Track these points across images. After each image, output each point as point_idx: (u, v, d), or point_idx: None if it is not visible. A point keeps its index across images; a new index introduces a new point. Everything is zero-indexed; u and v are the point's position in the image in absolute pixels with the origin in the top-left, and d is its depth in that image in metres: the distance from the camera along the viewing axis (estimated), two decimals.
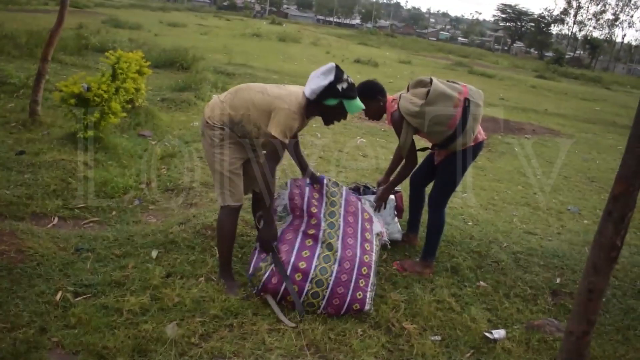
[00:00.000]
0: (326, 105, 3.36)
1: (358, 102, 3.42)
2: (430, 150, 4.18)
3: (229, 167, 3.43)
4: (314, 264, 3.41)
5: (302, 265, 3.39)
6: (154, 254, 3.88)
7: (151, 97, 8.86)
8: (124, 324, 3.03)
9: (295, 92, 3.41)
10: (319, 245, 3.51)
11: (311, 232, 3.59)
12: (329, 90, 3.29)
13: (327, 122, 3.52)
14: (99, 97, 5.87)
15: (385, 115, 4.08)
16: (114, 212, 4.71)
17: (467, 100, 3.67)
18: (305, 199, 3.73)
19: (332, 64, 3.34)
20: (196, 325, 3.09)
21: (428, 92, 3.71)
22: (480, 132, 3.96)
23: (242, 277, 3.72)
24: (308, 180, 3.86)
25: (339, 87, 3.29)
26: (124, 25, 22.53)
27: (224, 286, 3.53)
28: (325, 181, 3.87)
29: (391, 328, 3.36)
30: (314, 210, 3.68)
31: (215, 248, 4.02)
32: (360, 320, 3.39)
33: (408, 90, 3.93)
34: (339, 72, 3.31)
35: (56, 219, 4.43)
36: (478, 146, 3.98)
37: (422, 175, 4.41)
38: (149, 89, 8.69)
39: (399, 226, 4.50)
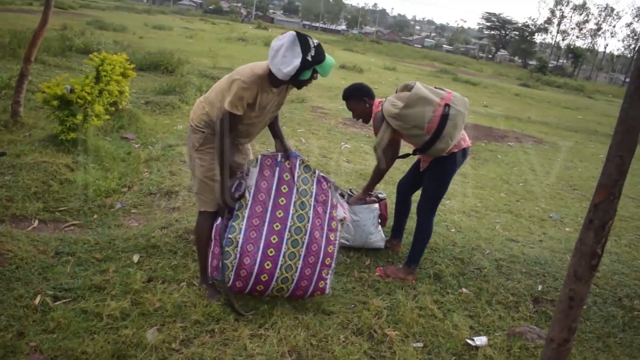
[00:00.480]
0: (301, 79, 3.22)
1: (329, 61, 3.25)
2: (412, 155, 4.20)
3: (205, 172, 3.39)
4: (280, 262, 3.36)
5: (268, 265, 3.33)
6: (136, 258, 3.85)
7: (135, 99, 8.80)
8: (104, 328, 3.00)
9: (255, 65, 3.27)
10: (284, 243, 3.40)
11: (277, 227, 3.42)
12: (302, 67, 3.11)
13: (300, 87, 3.35)
14: (82, 99, 5.82)
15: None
16: (95, 216, 4.66)
17: (447, 106, 3.69)
18: (274, 185, 3.52)
19: (292, 34, 3.13)
20: (177, 331, 3.07)
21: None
22: (465, 140, 3.98)
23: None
24: (279, 157, 3.61)
25: (309, 57, 3.11)
26: (108, 27, 22.40)
27: (206, 291, 3.51)
28: (297, 163, 3.62)
29: (373, 335, 3.36)
30: (282, 201, 3.49)
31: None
32: (343, 327, 3.38)
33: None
34: (303, 41, 3.11)
35: (36, 222, 4.38)
36: (463, 153, 3.99)
37: (408, 183, 4.43)
38: (133, 91, 8.64)
39: (382, 234, 4.50)
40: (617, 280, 4.54)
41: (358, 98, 4.08)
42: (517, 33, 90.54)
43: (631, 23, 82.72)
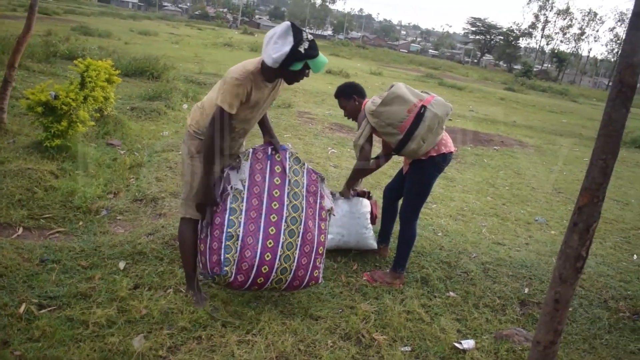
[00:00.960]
0: (291, 71, 3.17)
1: (322, 58, 3.20)
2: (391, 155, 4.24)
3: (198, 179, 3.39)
4: (279, 253, 3.37)
5: (268, 257, 3.34)
6: (122, 265, 3.82)
7: (120, 105, 8.75)
8: (90, 336, 2.97)
9: (246, 61, 3.28)
10: (282, 233, 3.42)
11: (274, 218, 3.43)
12: (293, 55, 3.07)
13: (291, 82, 3.34)
14: (66, 106, 5.78)
15: None
16: (80, 222, 4.63)
17: (423, 107, 3.73)
18: (267, 177, 3.53)
19: (287, 23, 3.12)
20: (164, 338, 3.05)
21: None
22: (446, 145, 4.00)
23: (212, 288, 3.69)
24: (270, 151, 3.60)
25: (301, 49, 3.07)
26: (93, 32, 22.27)
27: (192, 298, 3.49)
28: (287, 155, 3.63)
29: (361, 339, 3.36)
30: (276, 193, 3.50)
31: None
32: (330, 332, 3.38)
33: None
34: (296, 32, 3.09)
35: (21, 229, 4.34)
36: (443, 158, 4.00)
37: (395, 188, 4.45)
38: (119, 97, 8.59)
39: (373, 233, 4.51)
40: (603, 282, 4.57)
41: (348, 96, 4.21)
42: (502, 38, 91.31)
43: (614, 27, 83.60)
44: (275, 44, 3.08)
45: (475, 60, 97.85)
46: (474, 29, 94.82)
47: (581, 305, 4.16)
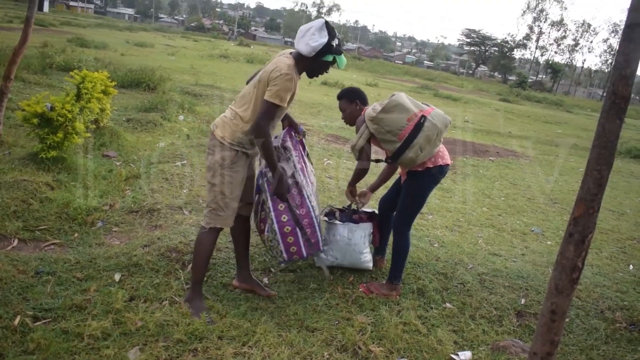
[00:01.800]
0: (322, 61, 3.46)
1: (345, 58, 3.56)
2: (383, 162, 4.25)
3: (233, 190, 3.47)
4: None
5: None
6: (117, 277, 3.81)
7: (116, 117, 8.75)
8: (85, 349, 2.96)
9: (278, 59, 3.44)
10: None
11: (314, 190, 3.91)
12: (328, 47, 3.37)
13: (313, 75, 3.62)
14: (62, 117, 5.78)
15: None
16: (76, 234, 4.61)
17: (423, 117, 3.74)
18: (305, 161, 3.94)
19: (322, 20, 3.41)
20: (160, 350, 3.03)
21: None
22: (443, 157, 4.01)
23: (207, 300, 3.68)
24: (294, 135, 3.92)
25: (334, 44, 3.40)
26: (89, 44, 22.29)
27: (189, 309, 3.48)
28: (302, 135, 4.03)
29: (358, 351, 3.34)
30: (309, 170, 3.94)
31: (180, 271, 3.98)
32: (327, 343, 3.37)
33: None
34: (330, 28, 3.40)
35: (16, 241, 4.32)
36: (440, 170, 4.01)
37: (391, 199, 4.46)
38: (115, 109, 8.60)
39: (371, 255, 4.48)
40: (599, 292, 4.57)
41: (351, 100, 4.23)
42: (496, 49, 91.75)
43: (608, 38, 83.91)
44: (313, 35, 3.36)
45: (470, 72, 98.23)
46: (468, 40, 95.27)
47: (578, 316, 4.16)
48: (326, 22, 3.41)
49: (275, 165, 3.46)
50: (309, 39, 3.35)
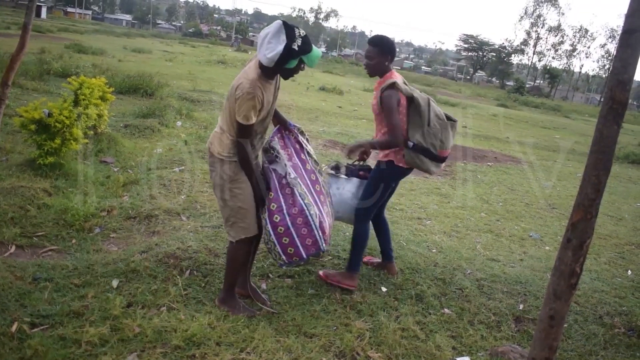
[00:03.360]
0: (287, 68, 3.32)
1: (316, 52, 3.36)
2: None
3: (245, 199, 3.47)
4: (330, 213, 3.88)
5: (327, 220, 3.75)
6: (115, 283, 3.80)
7: (114, 123, 8.75)
8: (83, 355, 2.95)
9: (246, 70, 3.37)
10: (326, 196, 3.89)
11: (318, 187, 3.81)
12: (287, 53, 3.19)
13: (287, 78, 3.48)
14: (60, 123, 5.78)
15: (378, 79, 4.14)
16: (73, 240, 4.61)
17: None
18: (297, 158, 3.84)
19: (278, 22, 3.24)
20: (157, 357, 3.03)
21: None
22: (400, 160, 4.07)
23: (205, 305, 3.67)
24: (285, 134, 3.87)
25: (295, 46, 3.20)
26: (87, 50, 22.32)
27: (227, 310, 3.59)
28: (296, 132, 3.96)
29: (356, 357, 3.34)
30: (308, 167, 3.88)
31: (178, 277, 3.97)
32: (325, 349, 3.36)
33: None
34: (289, 30, 3.21)
35: (13, 248, 4.31)
36: (404, 171, 4.14)
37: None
38: (112, 115, 8.59)
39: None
40: (598, 298, 4.57)
41: (384, 52, 4.01)
42: (494, 54, 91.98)
43: (605, 44, 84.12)
44: (269, 44, 3.20)
45: (468, 77, 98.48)
46: (466, 45, 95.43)
47: (576, 322, 4.15)
48: (284, 23, 3.23)
49: (251, 178, 3.46)
50: (266, 50, 3.20)
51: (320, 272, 4.27)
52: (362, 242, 4.20)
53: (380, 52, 4.00)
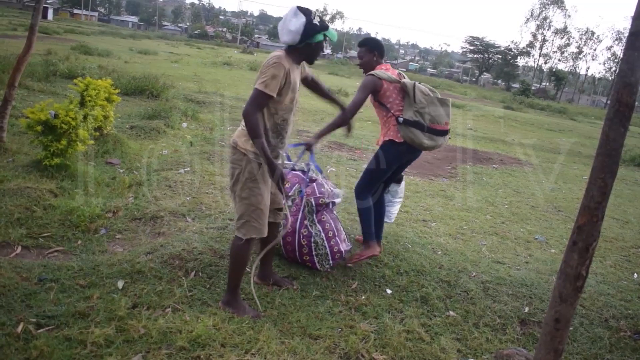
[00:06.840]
0: (312, 44, 3.42)
1: (333, 31, 3.53)
2: None
3: (264, 201, 3.48)
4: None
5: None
6: (120, 284, 3.80)
7: (120, 124, 8.78)
8: (88, 356, 2.95)
9: (271, 54, 3.42)
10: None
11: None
12: (310, 26, 3.32)
13: (312, 60, 3.57)
14: (66, 124, 5.80)
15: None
16: (79, 241, 4.61)
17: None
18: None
19: (293, 7, 3.35)
20: (162, 358, 3.03)
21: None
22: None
23: (210, 307, 3.67)
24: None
25: (315, 21, 3.35)
26: (93, 52, 22.37)
27: (232, 312, 3.58)
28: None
29: (361, 359, 3.33)
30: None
31: (183, 278, 3.97)
32: (330, 351, 3.36)
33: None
34: (305, 10, 3.34)
35: (19, 248, 4.32)
36: (410, 149, 4.36)
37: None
38: (118, 116, 8.62)
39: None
40: (603, 301, 4.55)
41: (371, 50, 4.46)
42: (500, 56, 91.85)
43: (611, 46, 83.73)
44: (289, 22, 3.32)
45: (474, 79, 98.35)
46: (472, 47, 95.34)
47: (582, 325, 4.14)
48: (298, 7, 3.34)
49: (264, 153, 3.31)
50: (289, 25, 3.30)
51: (349, 263, 4.54)
52: (367, 215, 4.52)
53: (368, 50, 4.47)
